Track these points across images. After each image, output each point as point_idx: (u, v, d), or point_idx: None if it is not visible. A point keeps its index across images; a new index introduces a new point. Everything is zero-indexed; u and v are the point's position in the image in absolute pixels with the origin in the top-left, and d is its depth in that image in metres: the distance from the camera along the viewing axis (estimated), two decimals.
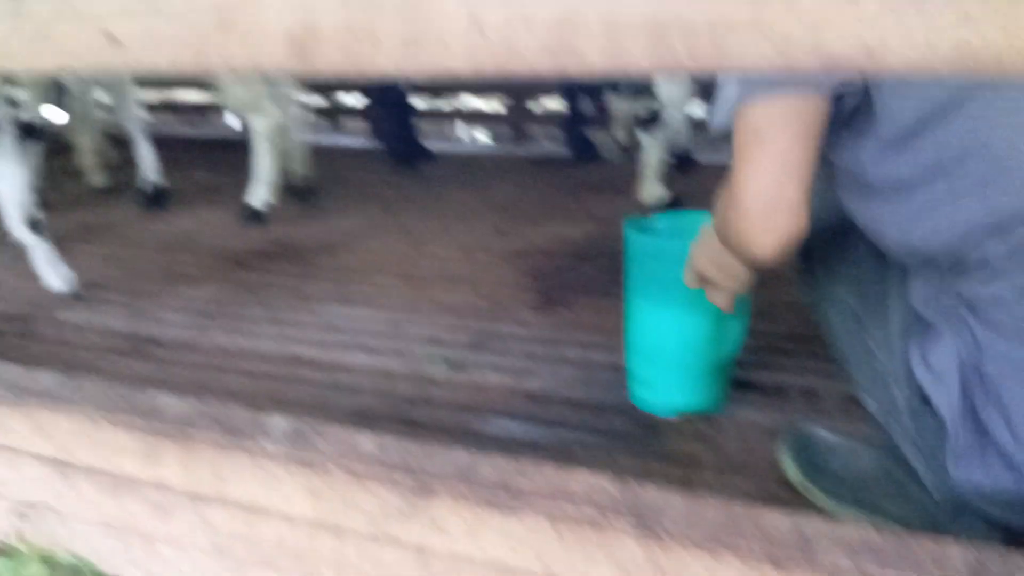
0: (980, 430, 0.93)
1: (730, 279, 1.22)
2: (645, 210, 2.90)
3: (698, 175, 3.49)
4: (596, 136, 3.96)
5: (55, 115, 3.45)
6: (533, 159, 3.91)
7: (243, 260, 2.72)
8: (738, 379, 1.64)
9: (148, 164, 3.29)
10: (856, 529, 0.74)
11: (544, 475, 0.83)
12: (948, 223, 0.91)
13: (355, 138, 4.90)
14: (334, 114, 5.42)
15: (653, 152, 2.90)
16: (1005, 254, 0.89)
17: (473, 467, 0.86)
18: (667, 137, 2.91)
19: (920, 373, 0.97)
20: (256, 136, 2.97)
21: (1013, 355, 0.90)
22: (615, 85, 3.23)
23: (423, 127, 4.31)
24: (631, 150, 3.33)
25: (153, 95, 5.80)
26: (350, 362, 1.92)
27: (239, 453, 0.93)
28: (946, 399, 0.93)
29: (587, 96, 3.85)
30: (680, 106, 2.90)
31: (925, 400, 0.99)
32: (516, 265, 2.58)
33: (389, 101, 3.80)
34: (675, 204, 2.90)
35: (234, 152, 3.70)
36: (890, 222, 0.97)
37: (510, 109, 4.49)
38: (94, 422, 1.01)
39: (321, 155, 4.33)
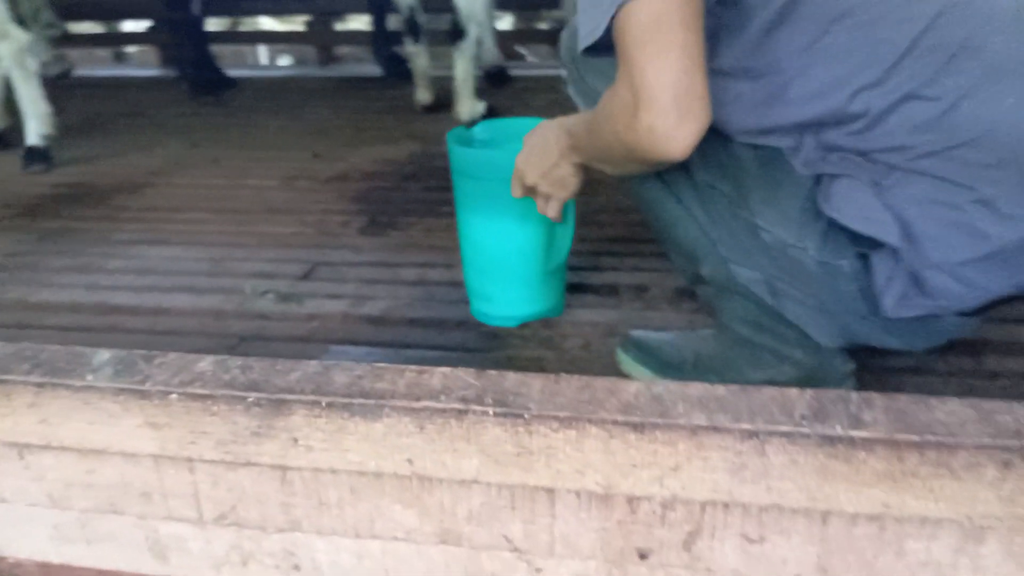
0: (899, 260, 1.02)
1: (562, 189, 1.24)
2: (465, 125, 2.88)
3: (512, 88, 3.48)
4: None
5: None
6: (343, 80, 3.77)
7: (36, 207, 2.48)
8: (572, 283, 1.67)
9: None
10: (705, 387, 0.78)
11: (403, 377, 0.82)
12: (829, 86, 0.97)
13: (143, 69, 4.55)
14: (115, 41, 5.00)
15: (463, 67, 2.89)
16: (883, 105, 0.95)
17: (327, 376, 0.83)
18: (474, 51, 2.90)
19: (851, 219, 1.02)
20: (5, 65, 2.69)
21: (912, 191, 0.98)
22: (413, 27, 3.15)
23: (219, 52, 4.05)
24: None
25: None
26: (173, 305, 1.81)
27: (63, 392, 0.85)
28: (884, 228, 1.00)
29: (395, 12, 3.74)
30: (481, 19, 2.91)
31: (836, 252, 1.06)
32: (339, 190, 2.50)
33: (181, 26, 3.53)
34: (491, 115, 2.90)
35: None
36: (770, 102, 1.01)
37: (313, 30, 4.30)
38: None
39: (108, 88, 4.00)
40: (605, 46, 0.98)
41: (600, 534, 0.81)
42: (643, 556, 0.82)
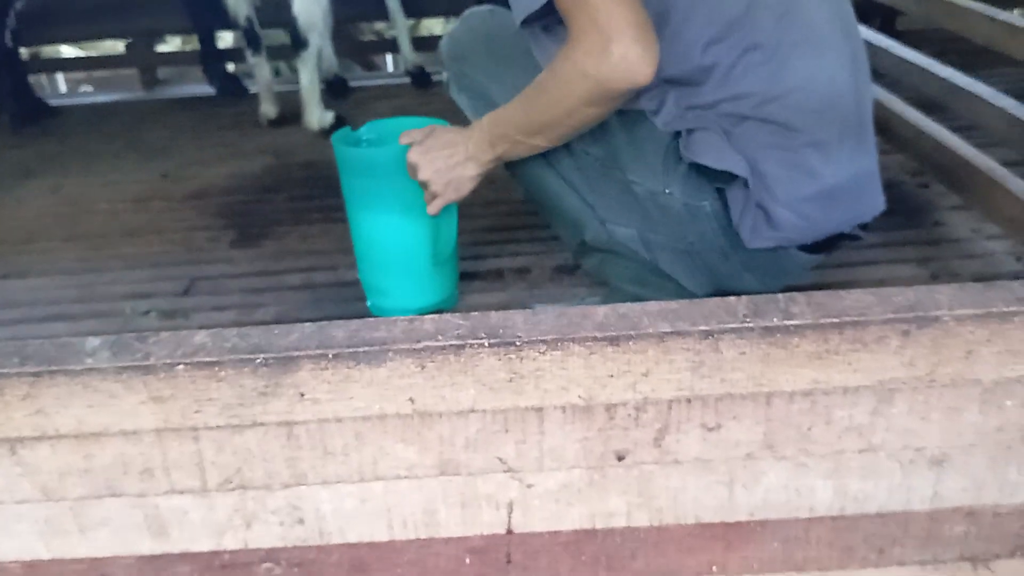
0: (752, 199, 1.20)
1: (454, 192, 1.36)
2: (320, 135, 2.92)
3: (354, 98, 3.54)
4: (240, 69, 3.85)
5: None
6: (174, 101, 3.68)
7: None
8: (459, 272, 1.78)
9: None
10: (661, 304, 0.92)
11: (397, 325, 0.91)
12: (684, 46, 1.14)
13: None
14: None
15: (307, 76, 2.91)
16: (729, 59, 1.13)
17: (325, 332, 0.90)
18: (316, 61, 2.92)
19: (708, 159, 1.19)
20: None
21: (756, 136, 1.17)
22: (253, 39, 3.13)
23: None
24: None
25: None
26: (51, 334, 1.77)
27: (61, 379, 0.88)
28: (735, 163, 1.17)
29: (224, 29, 3.70)
30: (320, 29, 2.91)
31: (697, 194, 1.22)
32: (199, 208, 2.48)
33: None
34: (340, 123, 2.94)
35: None
36: None
37: (134, 52, 4.15)
38: None
39: None
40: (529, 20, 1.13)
41: (583, 443, 0.94)
42: (620, 458, 0.94)
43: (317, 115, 2.93)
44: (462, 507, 0.97)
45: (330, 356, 0.88)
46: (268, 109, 3.15)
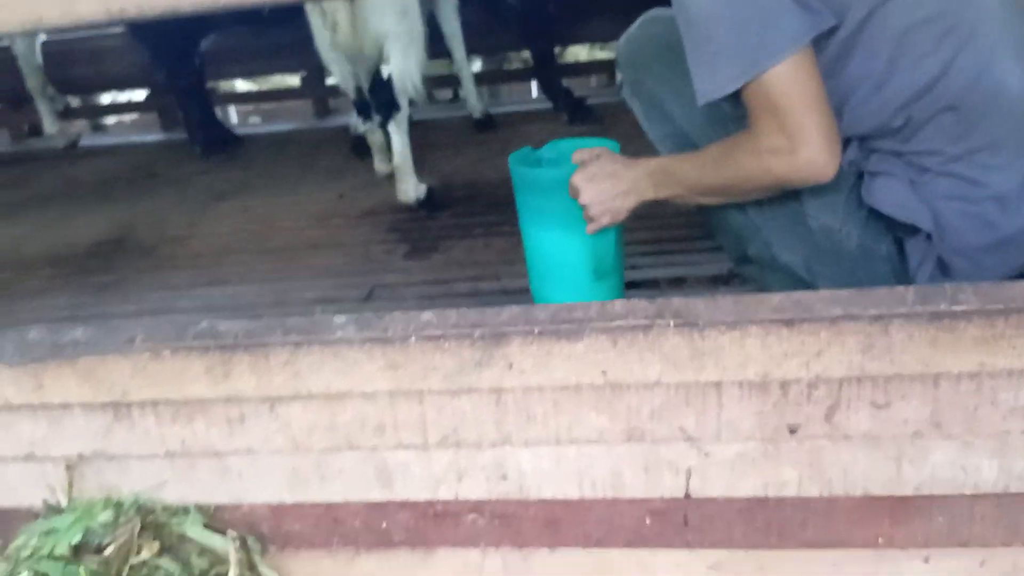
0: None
1: (611, 218, 1.47)
2: (416, 207, 2.79)
3: (505, 122, 3.74)
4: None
5: None
6: (345, 128, 4.00)
7: (84, 263, 2.66)
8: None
9: None
10: (830, 291, 1.02)
11: (591, 307, 1.04)
12: (878, 106, 1.22)
13: (146, 134, 4.74)
14: (118, 110, 5.20)
15: (400, 141, 2.70)
16: (922, 117, 1.21)
17: (530, 313, 1.05)
18: (407, 125, 2.75)
19: (891, 208, 1.27)
20: None
21: (940, 188, 1.24)
22: (364, 108, 2.93)
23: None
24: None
25: None
26: None
27: (316, 348, 1.06)
28: (920, 216, 1.25)
29: None
30: (417, 86, 2.69)
31: (875, 237, 1.31)
32: (373, 224, 2.71)
33: (185, 91, 3.74)
34: (431, 195, 2.79)
35: None
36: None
37: (308, 85, 4.53)
38: (157, 357, 1.10)
39: (118, 154, 4.19)
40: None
41: (758, 416, 1.04)
42: (792, 431, 1.04)
43: (413, 185, 2.75)
44: (645, 471, 1.09)
45: (536, 332, 1.02)
46: (381, 167, 3.12)
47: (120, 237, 2.93)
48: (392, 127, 2.71)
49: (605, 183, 1.46)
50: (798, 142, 1.15)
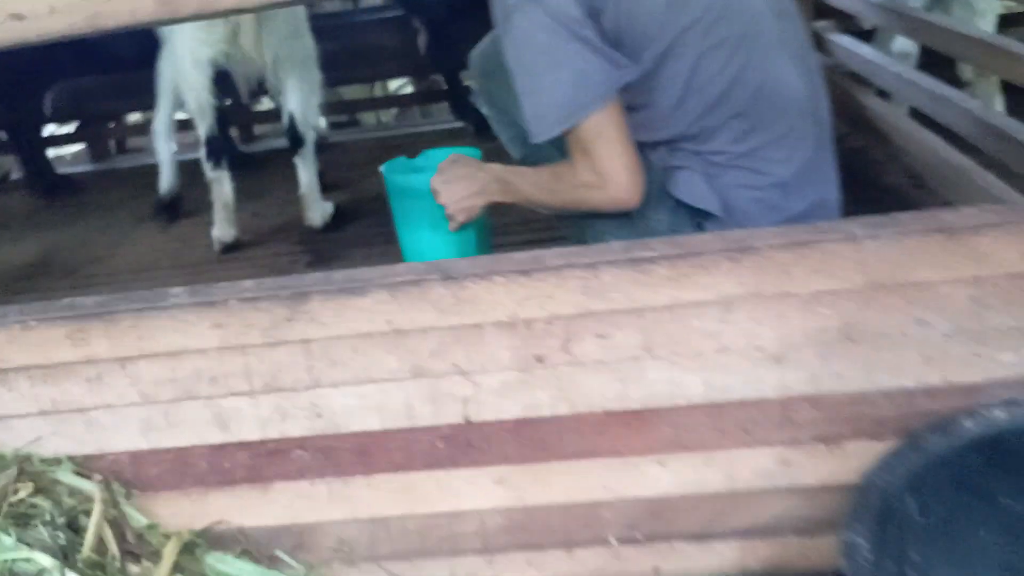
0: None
1: (465, 216, 1.75)
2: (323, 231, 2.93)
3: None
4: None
5: None
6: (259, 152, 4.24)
7: (20, 276, 2.87)
8: None
9: None
10: (560, 248, 1.30)
11: (377, 270, 1.31)
12: (676, 119, 1.54)
13: None
14: None
15: (307, 173, 2.82)
16: (715, 124, 1.52)
17: (329, 276, 1.32)
18: (314, 156, 2.84)
19: (689, 197, 1.58)
20: None
21: (729, 180, 1.56)
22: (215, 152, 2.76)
23: None
24: None
25: None
26: None
27: (156, 313, 1.31)
28: (711, 203, 1.57)
29: None
30: (315, 123, 2.86)
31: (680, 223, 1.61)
32: (283, 239, 2.96)
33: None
34: (339, 212, 2.94)
35: None
36: (638, 129, 1.55)
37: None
38: (26, 328, 1.34)
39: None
40: None
41: (512, 350, 1.31)
42: (539, 360, 1.32)
43: (319, 210, 2.88)
44: (432, 402, 1.36)
45: (332, 290, 1.29)
46: (225, 232, 2.88)
47: (45, 260, 3.13)
48: (299, 160, 2.79)
49: (459, 184, 1.74)
50: (607, 180, 1.47)
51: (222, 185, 2.78)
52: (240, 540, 1.43)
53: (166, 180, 3.25)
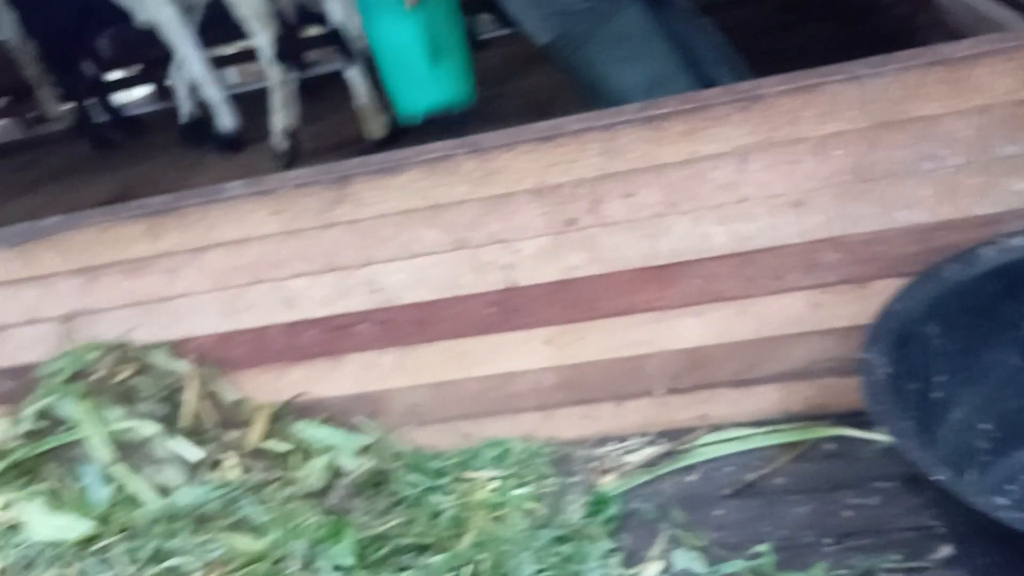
0: None
1: None
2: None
3: None
4: None
5: None
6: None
7: None
8: None
9: None
10: (578, 115, 1.37)
11: (411, 150, 1.41)
12: None
13: None
14: None
15: (361, 83, 2.82)
16: None
17: (367, 159, 1.42)
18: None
19: None
20: None
21: None
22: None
23: None
24: None
25: None
26: None
27: (221, 204, 1.45)
28: None
29: None
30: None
31: None
32: (344, 155, 3.09)
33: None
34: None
35: None
36: None
37: None
38: (106, 227, 1.49)
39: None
40: None
41: (544, 216, 1.40)
42: (570, 224, 1.40)
43: (378, 121, 2.89)
44: (474, 272, 1.46)
45: (371, 171, 1.40)
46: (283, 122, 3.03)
47: (122, 196, 3.34)
48: (351, 73, 2.83)
49: None
50: None
51: (290, 87, 2.91)
52: (320, 409, 1.59)
53: (227, 116, 3.37)
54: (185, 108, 3.56)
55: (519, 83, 3.16)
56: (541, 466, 1.50)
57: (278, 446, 1.54)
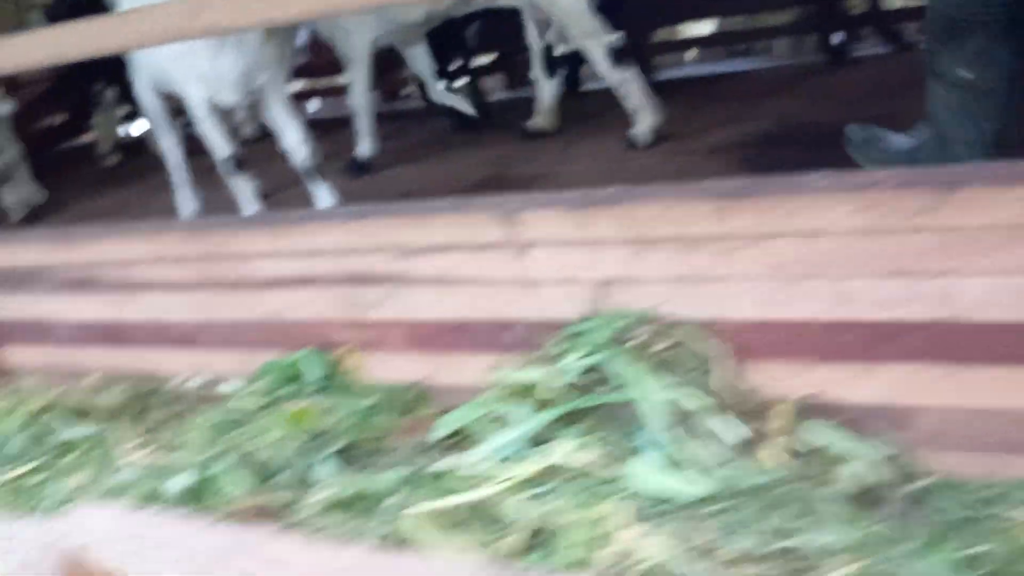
0: None
1: None
2: None
3: None
4: None
5: None
6: None
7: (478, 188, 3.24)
8: None
9: None
10: None
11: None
12: None
13: None
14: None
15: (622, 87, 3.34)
16: None
17: (981, 164, 1.35)
18: None
19: None
20: None
21: None
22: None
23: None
24: None
25: None
26: None
27: (802, 195, 1.43)
28: None
29: None
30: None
31: None
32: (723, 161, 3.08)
33: None
34: None
35: None
36: None
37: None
38: (667, 206, 1.52)
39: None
40: None
41: None
42: None
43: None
44: None
45: (986, 178, 1.33)
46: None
47: (498, 175, 3.51)
48: (615, 81, 3.33)
49: None
50: None
51: (638, 80, 3.32)
52: (835, 412, 1.54)
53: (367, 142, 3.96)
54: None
55: None
56: None
57: (801, 442, 1.50)
